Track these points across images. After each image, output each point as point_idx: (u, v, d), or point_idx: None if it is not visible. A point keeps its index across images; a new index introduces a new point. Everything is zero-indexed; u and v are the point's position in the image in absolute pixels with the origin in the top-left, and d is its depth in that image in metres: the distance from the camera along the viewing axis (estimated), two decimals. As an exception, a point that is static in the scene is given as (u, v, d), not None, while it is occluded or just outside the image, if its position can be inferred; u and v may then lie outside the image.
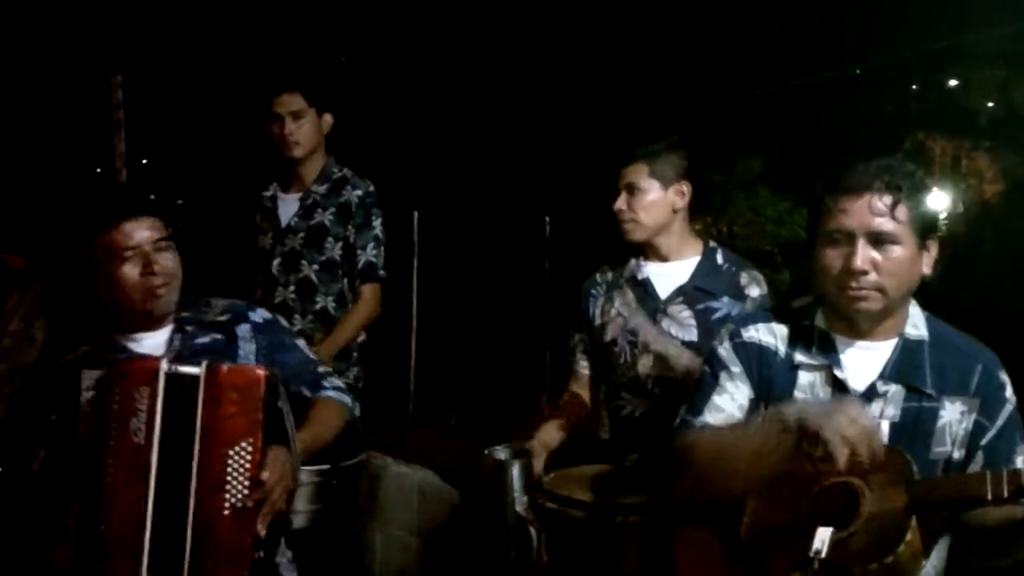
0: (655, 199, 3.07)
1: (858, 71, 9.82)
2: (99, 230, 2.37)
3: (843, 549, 1.86)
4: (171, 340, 2.46)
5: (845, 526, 1.91)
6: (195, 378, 2.23)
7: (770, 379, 2.21)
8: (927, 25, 8.76)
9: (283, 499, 2.27)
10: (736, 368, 2.24)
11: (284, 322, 2.68)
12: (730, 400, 2.22)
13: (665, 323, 3.07)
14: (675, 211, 3.11)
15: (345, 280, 3.73)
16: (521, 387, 6.60)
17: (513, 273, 8.38)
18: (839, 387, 2.13)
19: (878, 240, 2.04)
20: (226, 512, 2.20)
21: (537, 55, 9.38)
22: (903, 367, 2.12)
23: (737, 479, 2.06)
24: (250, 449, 2.22)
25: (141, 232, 2.38)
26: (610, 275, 3.23)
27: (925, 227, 2.08)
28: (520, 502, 2.78)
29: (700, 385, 2.31)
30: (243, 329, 2.53)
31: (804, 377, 2.18)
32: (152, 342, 2.46)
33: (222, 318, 2.54)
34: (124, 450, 2.19)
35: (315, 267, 3.72)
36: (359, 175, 3.80)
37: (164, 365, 2.23)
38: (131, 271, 2.37)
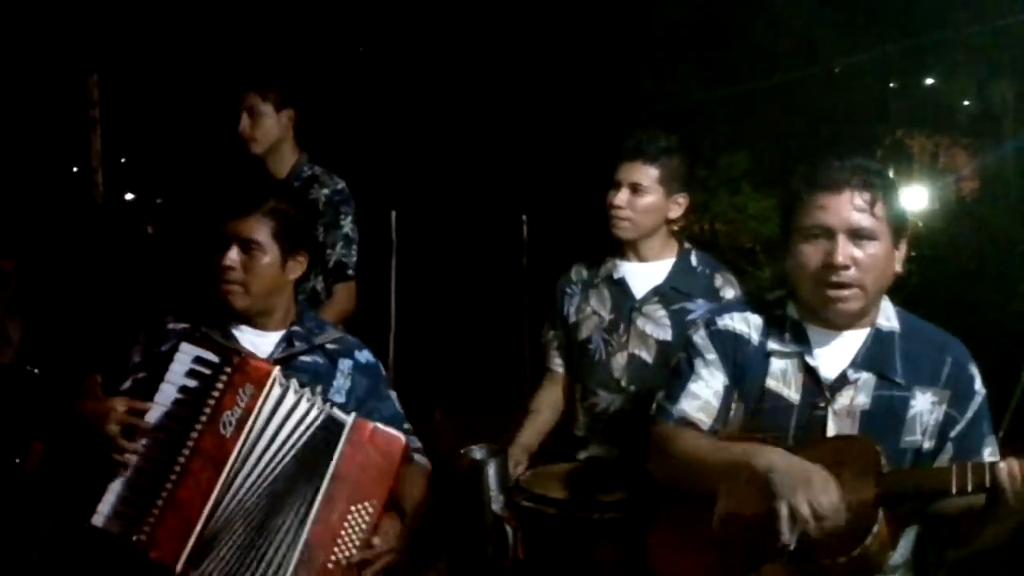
0: (656, 204, 3.06)
1: (837, 69, 9.86)
2: (226, 216, 2.40)
3: (812, 541, 1.88)
4: (277, 346, 2.48)
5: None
6: (341, 424, 2.29)
7: (744, 366, 2.24)
8: (906, 23, 8.80)
9: (382, 572, 2.31)
10: (711, 355, 2.27)
11: (384, 371, 2.68)
12: (705, 387, 2.24)
13: (640, 322, 3.07)
14: (669, 220, 3.11)
15: (318, 279, 3.70)
16: (502, 384, 6.60)
17: (491, 272, 8.38)
18: (811, 374, 2.16)
19: (857, 236, 2.08)
20: (331, 565, 2.23)
21: (514, 54, 9.38)
22: (874, 356, 2.16)
23: (702, 486, 2.08)
24: (371, 511, 2.27)
25: (242, 227, 2.40)
26: (585, 273, 3.23)
27: (899, 225, 2.13)
28: (497, 501, 2.79)
29: (676, 372, 2.34)
30: (345, 364, 2.54)
31: (776, 364, 2.20)
32: (258, 340, 2.48)
33: (331, 346, 2.55)
34: (209, 436, 2.22)
35: None
36: (333, 173, 3.77)
37: (277, 371, 2.28)
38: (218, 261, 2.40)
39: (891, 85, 10.52)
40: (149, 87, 9.03)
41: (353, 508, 2.25)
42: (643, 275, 3.13)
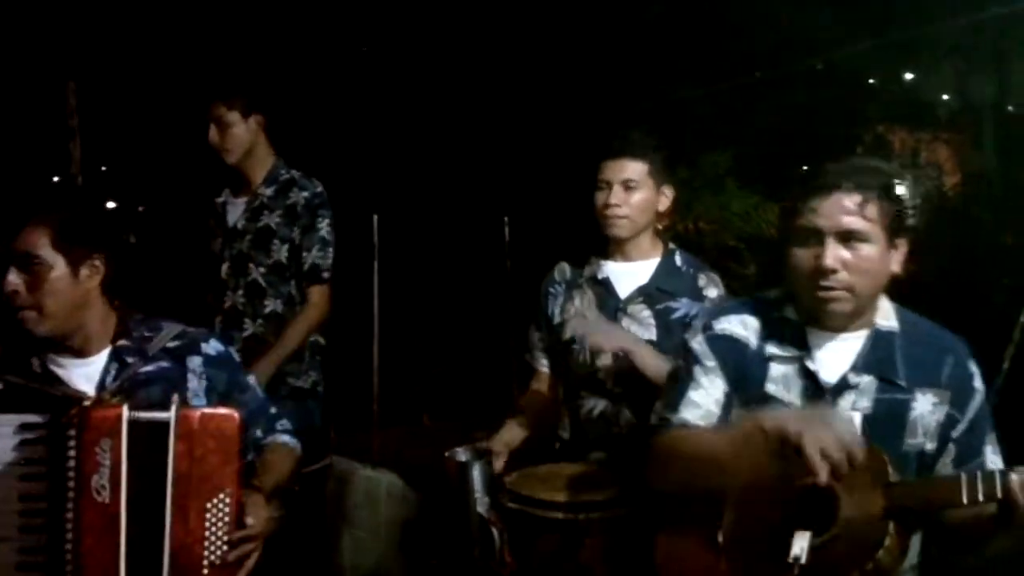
0: (649, 198, 3.06)
1: (818, 65, 9.89)
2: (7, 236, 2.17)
3: (823, 555, 1.86)
4: (107, 370, 2.25)
5: (824, 531, 1.90)
6: (164, 424, 2.05)
7: (743, 371, 2.21)
8: (885, 19, 8.83)
9: (260, 548, 2.15)
10: (710, 362, 2.24)
11: (237, 356, 2.48)
12: (706, 395, 2.22)
13: (625, 322, 3.07)
14: (658, 212, 3.11)
15: (293, 282, 3.69)
16: (487, 387, 6.60)
17: (474, 274, 8.37)
18: (811, 379, 2.14)
19: (847, 238, 2.06)
20: (206, 569, 2.06)
21: (494, 57, 9.38)
22: (875, 358, 2.13)
23: (717, 479, 2.05)
24: (229, 500, 2.08)
25: (18, 243, 2.15)
26: (569, 274, 3.23)
27: (894, 225, 2.09)
28: (482, 503, 2.78)
29: (675, 380, 2.31)
30: (195, 362, 2.33)
31: (776, 369, 2.18)
32: (82, 371, 2.24)
33: (172, 344, 2.32)
34: (89, 511, 2.00)
35: (262, 270, 3.68)
36: (311, 177, 3.77)
37: (126, 412, 2.04)
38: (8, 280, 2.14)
39: (871, 81, 10.56)
40: (129, 95, 8.98)
41: (209, 504, 2.06)
42: (628, 275, 3.12)
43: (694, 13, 9.11)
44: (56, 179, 8.75)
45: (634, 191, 3.03)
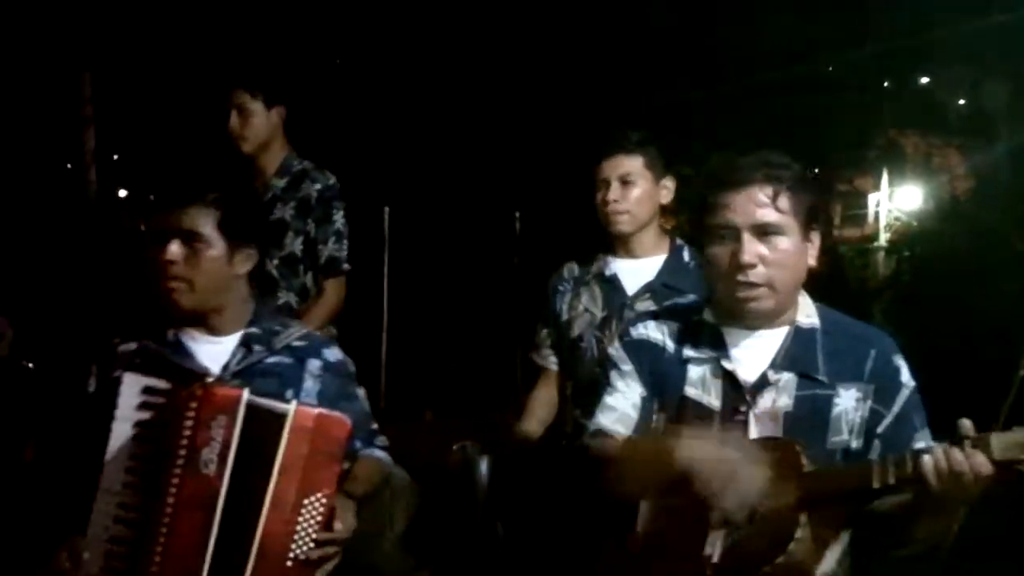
0: (648, 192, 3.05)
1: (830, 68, 9.88)
2: (167, 208, 2.24)
3: (737, 551, 1.83)
4: (234, 354, 2.33)
5: (738, 526, 1.86)
6: (281, 416, 2.11)
7: (662, 375, 2.16)
8: (898, 23, 8.82)
9: (339, 556, 2.18)
10: (626, 367, 2.19)
11: (352, 367, 2.53)
12: (622, 398, 2.17)
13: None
14: (661, 205, 3.11)
15: (308, 275, 3.70)
16: (493, 383, 6.61)
17: (484, 269, 8.38)
18: (729, 378, 2.08)
19: (763, 232, 2.01)
20: (290, 563, 2.10)
21: (506, 53, 9.39)
22: (795, 355, 2.07)
23: (631, 487, 2.01)
24: (325, 501, 2.12)
25: (183, 219, 2.23)
26: (577, 271, 3.23)
27: (808, 217, 2.05)
28: (487, 497, 2.79)
29: (595, 387, 2.27)
30: (314, 364, 2.39)
31: (694, 371, 2.12)
32: (213, 348, 2.33)
33: (297, 343, 2.40)
34: (192, 481, 2.06)
35: (275, 262, 3.68)
36: (324, 169, 3.77)
37: (246, 395, 2.11)
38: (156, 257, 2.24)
39: (884, 85, 10.55)
40: (142, 84, 9.02)
41: (306, 501, 2.11)
42: (635, 272, 3.12)
43: (706, 15, 9.11)
44: (68, 166, 8.79)
45: (632, 186, 3.03)
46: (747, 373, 2.08)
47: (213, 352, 2.32)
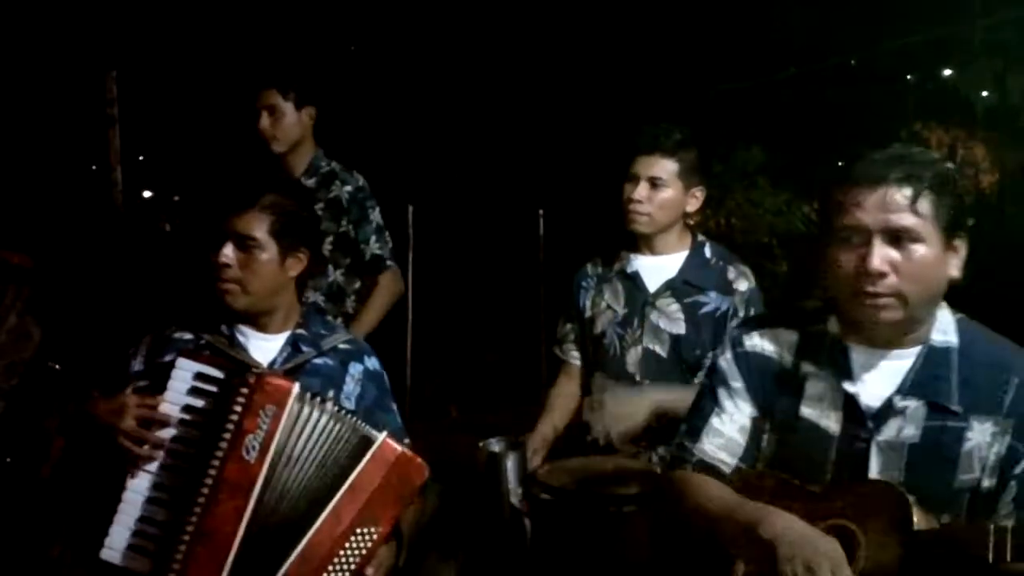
0: (675, 198, 3.03)
1: (854, 61, 9.84)
2: (223, 213, 2.34)
3: None
4: (281, 351, 2.41)
5: None
6: (370, 440, 2.20)
7: (775, 392, 1.99)
8: (924, 16, 8.77)
9: None
10: (737, 383, 2.03)
11: (387, 381, 2.60)
12: (730, 421, 2.01)
13: (653, 316, 3.06)
14: (686, 213, 3.10)
15: (336, 273, 3.71)
16: (518, 380, 6.61)
17: (508, 266, 8.39)
18: (851, 402, 1.90)
19: (897, 238, 1.79)
20: None
21: (532, 50, 9.39)
22: (926, 380, 1.86)
23: (715, 545, 1.87)
24: (375, 536, 2.16)
25: (239, 223, 2.32)
26: (600, 268, 3.23)
27: (951, 223, 1.81)
28: (515, 494, 2.79)
29: (699, 403, 2.09)
30: (356, 368, 2.48)
31: (812, 389, 1.94)
32: (263, 343, 2.41)
33: (343, 346, 2.49)
34: (233, 464, 2.13)
35: None
36: (351, 168, 3.78)
37: (296, 388, 2.18)
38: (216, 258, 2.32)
39: (908, 78, 10.49)
40: (168, 84, 9.07)
41: (359, 529, 2.16)
42: (656, 269, 3.11)
43: (730, 10, 9.08)
44: (94, 167, 8.84)
45: (660, 189, 3.00)
46: (871, 397, 1.89)
47: (263, 348, 2.40)
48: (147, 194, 11.81)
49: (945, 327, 1.91)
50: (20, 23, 7.71)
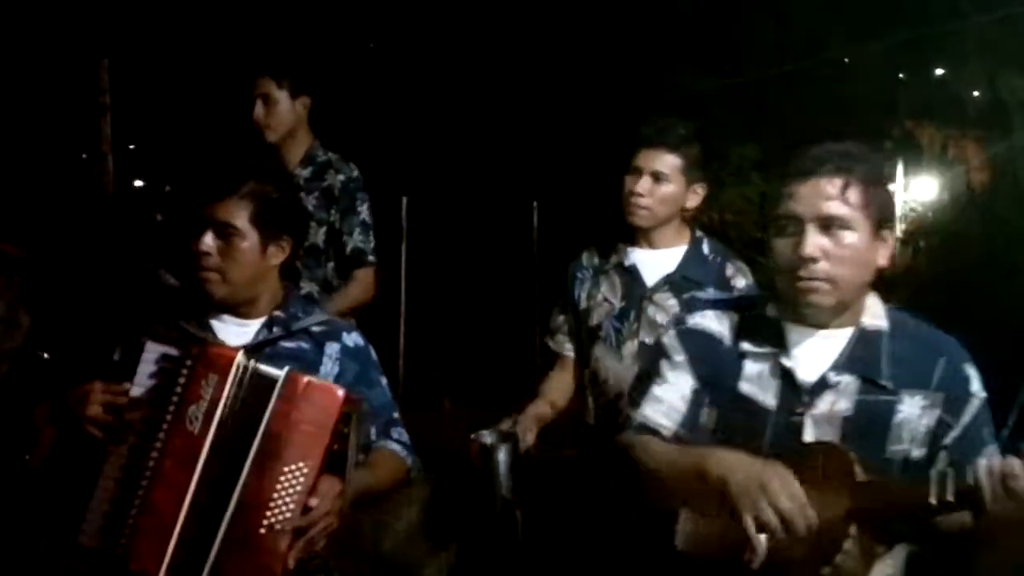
0: (676, 193, 3.00)
1: (847, 59, 9.85)
2: (203, 200, 2.28)
3: (781, 559, 1.76)
4: (256, 336, 2.37)
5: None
6: (272, 380, 2.12)
7: (716, 368, 2.07)
8: (916, 14, 8.79)
9: (322, 537, 2.14)
10: (679, 357, 2.10)
11: (374, 354, 2.53)
12: (671, 389, 2.09)
13: (651, 310, 3.05)
14: (686, 208, 3.09)
15: (329, 265, 3.69)
16: (512, 372, 6.62)
17: (502, 258, 8.39)
18: (787, 377, 1.99)
19: (828, 225, 1.90)
20: (263, 530, 2.07)
21: (526, 42, 9.38)
22: (858, 357, 1.97)
23: (667, 497, 1.98)
24: (307, 471, 2.09)
25: (219, 210, 2.27)
26: (596, 259, 3.21)
27: (880, 214, 1.94)
28: (507, 486, 2.78)
29: (641, 376, 2.19)
30: (332, 348, 2.41)
31: (751, 367, 2.03)
32: (240, 329, 2.37)
33: (317, 328, 2.42)
34: (177, 436, 2.09)
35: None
36: (346, 159, 3.76)
37: (241, 358, 2.12)
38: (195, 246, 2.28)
39: (900, 76, 10.51)
40: (160, 73, 9.04)
41: (286, 469, 2.08)
42: (654, 263, 3.10)
43: (724, 5, 9.09)
44: (85, 156, 8.82)
45: (662, 184, 2.98)
46: (806, 373, 1.99)
47: (238, 333, 2.36)
48: (138, 183, 11.77)
49: (876, 312, 2.02)
50: (12, 12, 7.68)
